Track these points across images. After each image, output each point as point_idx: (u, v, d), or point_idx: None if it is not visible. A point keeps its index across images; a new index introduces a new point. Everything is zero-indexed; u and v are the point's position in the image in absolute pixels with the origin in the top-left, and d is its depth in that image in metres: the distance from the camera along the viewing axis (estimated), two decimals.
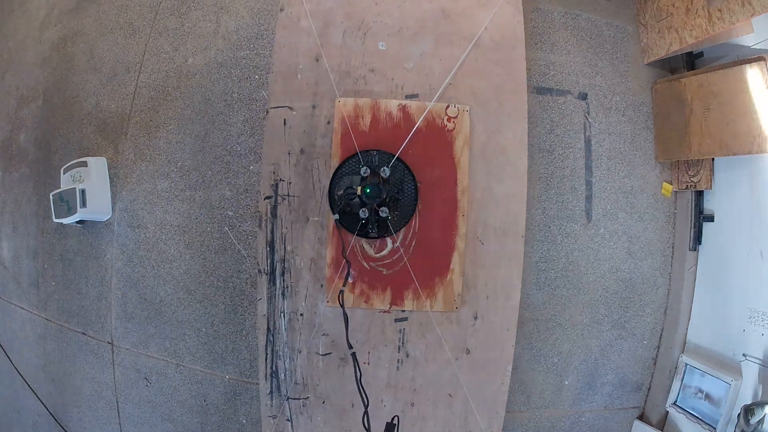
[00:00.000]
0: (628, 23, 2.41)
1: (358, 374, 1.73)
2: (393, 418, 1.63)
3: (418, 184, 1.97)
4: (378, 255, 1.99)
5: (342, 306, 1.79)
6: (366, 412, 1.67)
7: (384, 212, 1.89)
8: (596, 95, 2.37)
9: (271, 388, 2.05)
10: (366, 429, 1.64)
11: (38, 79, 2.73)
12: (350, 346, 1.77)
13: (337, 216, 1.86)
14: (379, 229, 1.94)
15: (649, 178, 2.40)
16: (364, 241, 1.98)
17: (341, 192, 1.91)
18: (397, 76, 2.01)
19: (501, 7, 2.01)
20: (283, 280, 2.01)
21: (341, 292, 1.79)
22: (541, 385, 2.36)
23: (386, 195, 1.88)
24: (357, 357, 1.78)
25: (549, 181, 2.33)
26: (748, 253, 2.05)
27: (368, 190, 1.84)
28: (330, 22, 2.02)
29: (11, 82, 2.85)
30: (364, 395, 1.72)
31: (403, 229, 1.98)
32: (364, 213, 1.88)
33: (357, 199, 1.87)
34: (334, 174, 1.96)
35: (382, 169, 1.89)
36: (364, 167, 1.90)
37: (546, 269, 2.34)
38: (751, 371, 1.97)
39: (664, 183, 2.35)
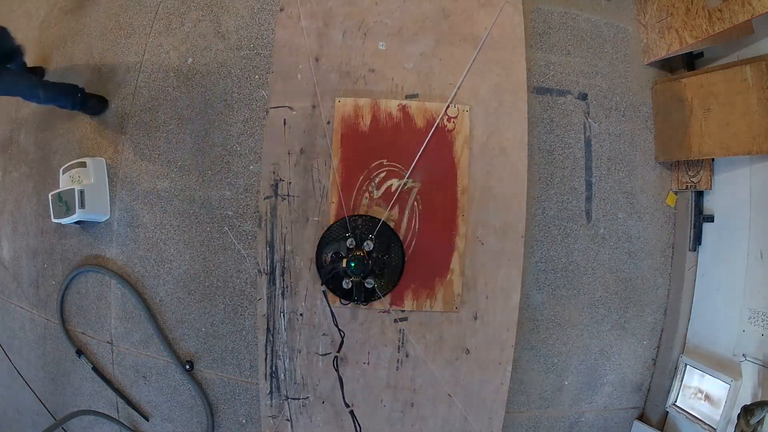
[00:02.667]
0: (628, 23, 2.41)
1: (358, 429, 1.75)
2: None
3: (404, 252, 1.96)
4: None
5: (337, 370, 1.80)
6: None
7: (370, 284, 1.90)
8: (596, 95, 2.37)
9: (271, 388, 2.05)
10: None
11: None
12: (347, 405, 1.78)
13: (323, 288, 1.83)
14: (366, 296, 1.94)
15: (649, 179, 2.40)
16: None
17: (329, 260, 1.90)
18: (397, 76, 2.01)
19: (501, 7, 2.01)
20: (283, 280, 2.01)
21: (336, 357, 1.80)
22: (541, 385, 2.36)
23: (372, 264, 1.88)
24: (355, 413, 1.79)
25: (549, 181, 2.33)
26: (748, 253, 2.06)
27: (353, 266, 1.83)
28: (330, 22, 2.02)
29: None
30: None
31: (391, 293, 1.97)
32: (347, 284, 1.89)
33: (343, 269, 1.86)
34: (322, 238, 1.95)
35: (365, 243, 1.89)
36: (350, 239, 1.89)
37: (546, 269, 2.33)
38: (750, 371, 1.97)
39: (671, 193, 2.36)
